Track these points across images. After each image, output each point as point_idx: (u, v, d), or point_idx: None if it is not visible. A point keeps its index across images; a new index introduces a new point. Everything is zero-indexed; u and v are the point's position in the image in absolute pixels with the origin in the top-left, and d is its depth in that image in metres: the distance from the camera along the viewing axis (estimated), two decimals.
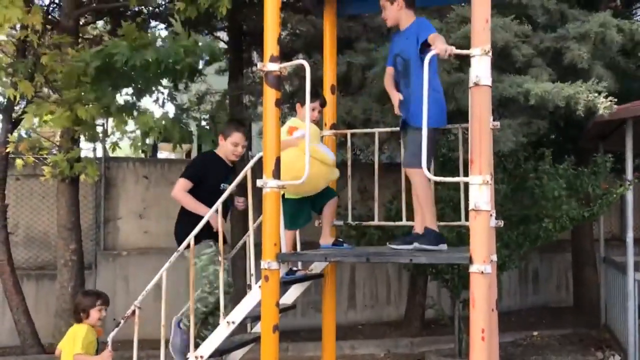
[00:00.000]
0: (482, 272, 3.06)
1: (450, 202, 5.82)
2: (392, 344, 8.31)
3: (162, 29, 8.84)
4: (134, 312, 3.98)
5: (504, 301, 8.69)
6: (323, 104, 4.27)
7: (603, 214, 7.17)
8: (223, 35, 10.13)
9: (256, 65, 9.48)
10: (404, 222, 4.41)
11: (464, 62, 5.89)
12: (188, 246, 3.95)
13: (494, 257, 3.74)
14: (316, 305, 8.87)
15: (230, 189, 4.01)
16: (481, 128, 3.18)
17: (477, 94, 3.18)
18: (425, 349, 7.98)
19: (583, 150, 8.73)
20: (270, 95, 3.51)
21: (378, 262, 6.27)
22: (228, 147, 4.50)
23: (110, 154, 8.81)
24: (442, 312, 7.30)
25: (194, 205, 4.38)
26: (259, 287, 3.58)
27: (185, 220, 4.39)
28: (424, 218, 3.75)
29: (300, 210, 4.10)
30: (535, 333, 8.79)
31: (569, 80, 5.86)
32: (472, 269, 3.07)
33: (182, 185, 4.47)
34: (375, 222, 4.50)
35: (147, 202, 9.12)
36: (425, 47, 3.60)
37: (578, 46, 6.15)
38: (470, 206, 3.11)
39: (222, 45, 9.47)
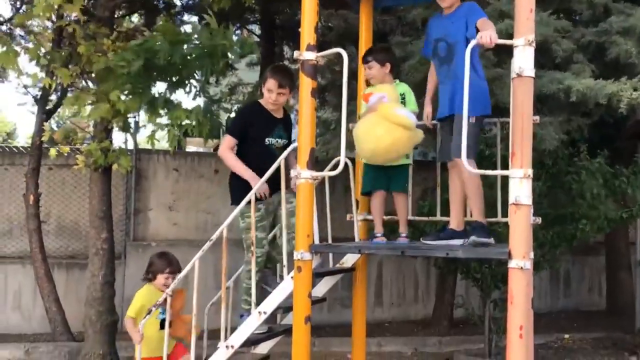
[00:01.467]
0: (522, 268, 2.97)
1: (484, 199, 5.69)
2: (420, 343, 8.22)
3: (195, 21, 8.85)
4: (165, 300, 3.97)
5: (534, 302, 8.52)
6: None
7: None
8: (255, 28, 10.13)
9: (288, 59, 9.56)
10: (438, 217, 4.33)
11: (503, 57, 5.77)
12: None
13: (532, 255, 3.64)
14: (342, 301, 8.82)
15: (264, 178, 3.90)
16: (523, 120, 3.09)
17: (520, 85, 3.10)
18: (454, 348, 7.88)
19: (619, 150, 8.50)
20: (306, 84, 3.46)
21: (414, 256, 6.15)
22: (265, 94, 4.21)
23: (149, 146, 8.89)
24: (472, 312, 7.18)
25: (234, 164, 4.24)
26: (292, 277, 3.54)
27: (235, 180, 4.33)
28: (475, 211, 3.66)
29: (373, 176, 4.02)
30: (566, 336, 8.60)
31: (612, 77, 5.69)
32: (512, 264, 2.99)
33: (226, 143, 4.32)
34: (409, 217, 4.40)
35: (176, 195, 9.17)
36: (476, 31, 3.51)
37: (624, 40, 5.95)
38: (511, 200, 3.02)
39: (254, 38, 9.48)
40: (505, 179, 4.08)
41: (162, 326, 4.15)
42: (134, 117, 7.59)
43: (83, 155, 6.09)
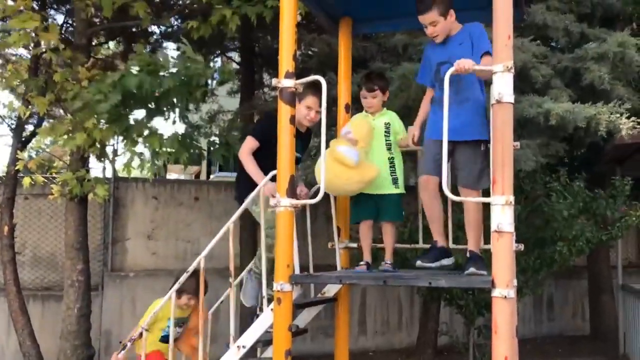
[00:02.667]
0: (505, 297, 2.91)
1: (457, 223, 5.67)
2: None
3: (173, 49, 8.83)
4: (141, 334, 3.84)
5: (518, 329, 8.46)
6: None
7: (621, 238, 6.99)
8: (235, 56, 10.13)
9: (268, 86, 9.54)
10: (420, 245, 4.27)
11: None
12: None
13: (515, 282, 3.59)
14: (325, 330, 8.68)
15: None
16: (504, 147, 3.06)
17: (500, 111, 3.07)
18: None
19: (598, 175, 8.57)
20: (285, 111, 3.41)
21: (396, 286, 6.05)
22: (302, 110, 4.12)
23: (124, 175, 8.76)
24: (456, 339, 7.10)
25: (253, 170, 4.10)
26: (271, 310, 3.44)
27: (244, 179, 4.17)
28: (473, 241, 3.54)
29: (360, 206, 3.98)
30: None
31: (588, 101, 5.75)
32: (495, 293, 2.93)
33: (247, 145, 4.21)
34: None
35: (156, 223, 9.03)
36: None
37: (598, 66, 6.04)
38: (493, 227, 2.98)
39: (234, 66, 9.47)
40: (486, 206, 4.09)
41: (162, 340, 4.18)
42: (112, 145, 7.50)
43: (58, 185, 5.96)
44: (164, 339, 4.17)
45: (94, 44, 8.42)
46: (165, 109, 5.48)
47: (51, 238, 8.58)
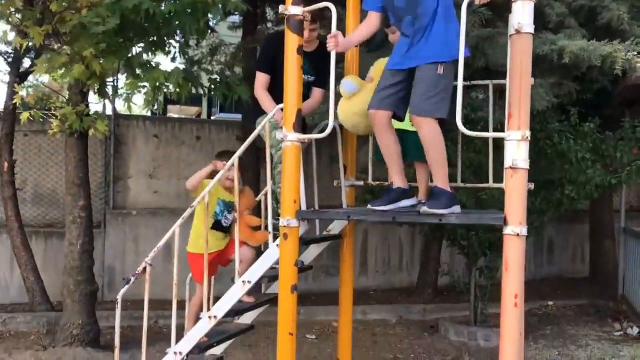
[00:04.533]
0: (518, 235, 2.86)
1: (470, 165, 5.58)
2: (405, 311, 8.19)
3: None
4: (144, 269, 3.80)
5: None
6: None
7: (631, 182, 6.89)
8: None
9: (271, 21, 9.24)
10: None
11: (495, 15, 5.59)
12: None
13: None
14: (327, 270, 8.74)
15: (238, 153, 3.69)
16: (522, 79, 2.94)
17: (519, 42, 2.93)
18: (439, 316, 7.86)
19: (608, 117, 8.43)
20: (292, 41, 3.27)
21: (407, 223, 5.95)
22: None
23: (125, 111, 8.60)
24: (457, 280, 7.14)
25: (268, 105, 3.99)
26: (277, 245, 3.39)
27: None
28: (439, 178, 3.17)
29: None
30: (550, 303, 8.65)
31: (603, 41, 5.56)
32: (507, 230, 2.87)
33: (259, 82, 4.08)
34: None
35: (157, 162, 8.94)
36: None
37: (617, 5, 5.81)
38: (507, 164, 2.89)
39: None
40: (496, 143, 3.97)
41: (215, 227, 3.98)
42: (113, 81, 7.32)
43: (58, 120, 5.83)
44: (216, 226, 3.98)
45: None
46: (166, 40, 5.28)
47: (52, 175, 8.51)
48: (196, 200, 3.75)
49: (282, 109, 3.42)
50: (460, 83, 2.99)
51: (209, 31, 9.49)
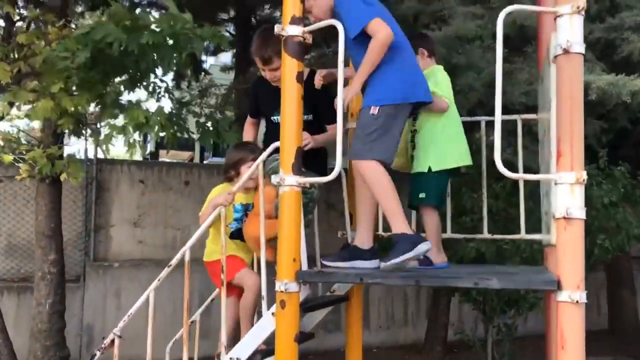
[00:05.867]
0: (577, 302, 2.25)
1: (489, 211, 4.98)
2: None
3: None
4: (112, 342, 3.15)
5: (529, 322, 7.70)
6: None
7: None
8: (230, 29, 9.40)
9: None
10: (448, 235, 3.59)
11: (510, 51, 5.13)
12: None
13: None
14: (326, 326, 8.02)
15: (237, 186, 3.17)
16: (572, 109, 2.40)
17: (567, 64, 2.40)
18: None
19: (625, 158, 7.93)
20: (290, 66, 2.72)
21: (431, 287, 5.26)
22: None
23: (105, 155, 8.00)
24: (472, 337, 6.45)
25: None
26: (273, 314, 2.76)
27: None
28: (393, 222, 2.84)
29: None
30: None
31: (621, 74, 5.10)
32: (562, 297, 2.27)
33: (247, 121, 3.81)
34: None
35: (142, 209, 8.30)
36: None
37: (637, 37, 5.37)
38: (559, 213, 2.30)
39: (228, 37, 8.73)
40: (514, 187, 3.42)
41: (235, 236, 3.37)
42: (95, 124, 6.77)
43: (27, 164, 5.24)
44: (237, 235, 3.37)
45: (77, 12, 7.68)
46: (144, 77, 4.75)
47: (27, 224, 7.84)
48: (210, 216, 3.12)
49: (277, 148, 2.85)
50: (497, 120, 2.44)
51: (202, 73, 9.06)
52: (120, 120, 4.54)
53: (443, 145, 3.19)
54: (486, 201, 3.52)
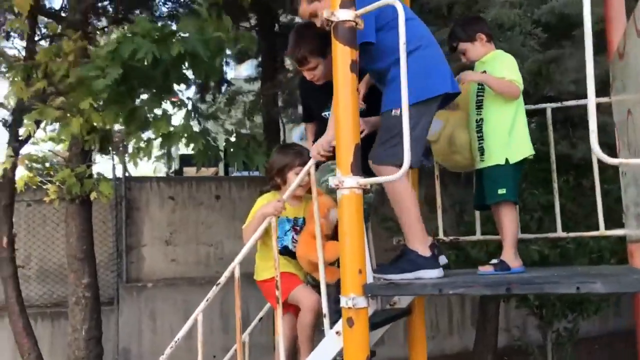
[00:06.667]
0: None
1: (548, 208, 4.63)
2: None
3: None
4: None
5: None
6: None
7: None
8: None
9: (291, 71, 8.57)
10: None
11: (557, 36, 4.80)
12: None
13: None
14: None
15: (287, 194, 2.89)
16: None
17: None
18: None
19: None
20: (342, 55, 2.42)
21: (524, 294, 4.87)
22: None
23: (132, 171, 7.82)
24: (529, 344, 6.06)
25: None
26: (337, 334, 2.46)
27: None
28: (409, 237, 2.71)
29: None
30: None
31: None
32: None
33: (306, 129, 3.55)
34: (477, 237, 3.34)
35: (173, 226, 8.09)
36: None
37: None
38: None
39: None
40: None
41: (282, 253, 3.04)
42: (122, 141, 6.58)
43: (55, 185, 5.02)
44: (283, 252, 3.06)
45: (99, 28, 7.52)
46: (174, 88, 4.51)
47: (58, 248, 7.67)
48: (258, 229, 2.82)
49: (333, 147, 2.56)
50: (591, 101, 2.11)
51: (226, 84, 8.86)
52: (146, 134, 4.31)
53: (519, 133, 2.88)
54: (557, 196, 3.17)
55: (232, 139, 5.07)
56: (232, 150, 4.82)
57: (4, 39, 7.06)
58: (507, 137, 2.85)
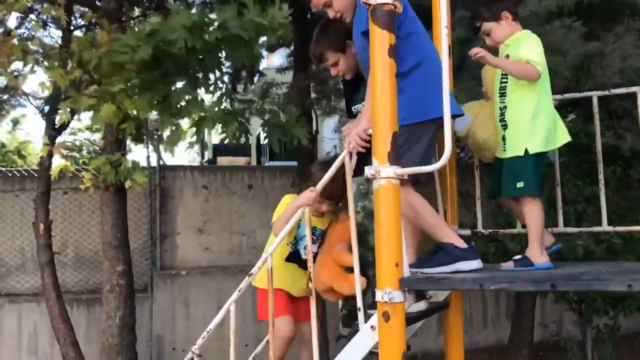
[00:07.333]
0: None
1: (592, 200, 4.47)
2: None
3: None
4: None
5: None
6: None
7: None
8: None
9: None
10: (560, 229, 3.13)
11: (596, 28, 4.58)
12: None
13: None
14: None
15: (320, 184, 2.81)
16: None
17: None
18: None
19: None
20: (380, 39, 2.34)
21: (568, 291, 4.70)
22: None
23: (168, 157, 7.86)
24: (569, 340, 5.89)
25: None
26: (373, 328, 2.38)
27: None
28: (437, 234, 2.74)
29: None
30: None
31: None
32: None
33: None
34: (518, 230, 3.22)
35: (207, 215, 8.11)
36: None
37: None
38: None
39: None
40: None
41: (291, 259, 3.09)
42: (156, 130, 6.60)
43: (90, 173, 5.05)
44: (293, 258, 3.09)
45: (132, 17, 7.53)
46: (210, 75, 4.46)
47: (94, 236, 7.76)
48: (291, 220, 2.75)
49: (369, 135, 2.48)
50: None
51: (258, 75, 8.80)
52: (182, 122, 4.28)
53: (543, 122, 2.73)
54: (603, 188, 3.02)
55: (267, 117, 4.99)
56: (268, 128, 4.73)
57: (41, 28, 7.15)
58: (530, 125, 2.71)
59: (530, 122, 2.72)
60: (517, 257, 2.74)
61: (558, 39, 5.06)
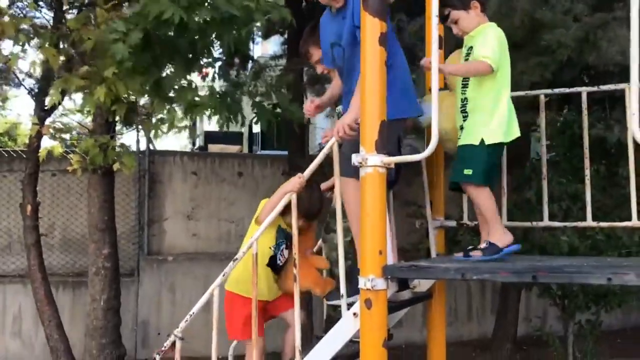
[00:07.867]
0: None
1: (576, 198, 4.51)
2: None
3: None
4: (173, 344, 2.85)
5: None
6: None
7: None
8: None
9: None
10: (545, 223, 3.16)
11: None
12: None
13: None
14: None
15: (308, 170, 2.81)
16: None
17: None
18: None
19: None
20: (371, 27, 2.34)
21: (548, 283, 4.73)
22: None
23: (154, 143, 7.82)
24: (551, 334, 5.94)
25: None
26: (355, 315, 2.40)
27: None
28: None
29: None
30: None
31: None
32: None
33: None
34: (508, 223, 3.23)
35: (196, 202, 8.10)
36: None
37: None
38: None
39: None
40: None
41: (269, 264, 3.06)
42: (147, 114, 6.55)
43: (78, 155, 5.02)
44: (270, 263, 3.07)
45: None
46: (202, 58, 4.44)
47: (82, 218, 7.73)
48: (257, 231, 2.77)
49: (357, 122, 2.48)
50: (634, 82, 1.99)
51: (250, 61, 8.77)
52: (172, 102, 4.26)
53: (502, 115, 2.73)
54: (589, 183, 3.04)
55: (258, 99, 4.97)
56: (259, 110, 4.72)
57: (34, 9, 7.08)
58: (488, 117, 2.71)
59: (489, 114, 2.73)
60: (483, 245, 2.72)
61: (560, 14, 4.87)
